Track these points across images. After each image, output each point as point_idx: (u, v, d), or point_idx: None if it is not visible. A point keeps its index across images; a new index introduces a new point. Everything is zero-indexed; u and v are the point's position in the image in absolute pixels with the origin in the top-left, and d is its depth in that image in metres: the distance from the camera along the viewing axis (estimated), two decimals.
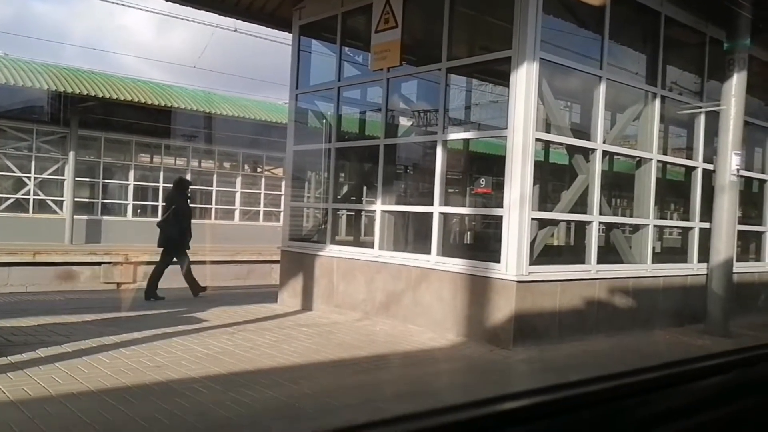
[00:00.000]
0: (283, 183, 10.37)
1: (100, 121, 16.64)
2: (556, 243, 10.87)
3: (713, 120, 8.03)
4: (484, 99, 13.24)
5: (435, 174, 7.13)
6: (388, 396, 4.73)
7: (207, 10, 9.45)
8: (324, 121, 9.17)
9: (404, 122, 10.13)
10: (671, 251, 9.97)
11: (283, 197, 10.20)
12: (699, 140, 8.45)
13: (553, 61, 6.68)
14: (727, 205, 7.67)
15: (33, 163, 16.38)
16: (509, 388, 3.61)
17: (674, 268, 8.07)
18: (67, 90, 14.92)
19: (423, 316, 6.96)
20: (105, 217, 17.33)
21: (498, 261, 6.37)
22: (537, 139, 6.58)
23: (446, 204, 7.54)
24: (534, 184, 6.68)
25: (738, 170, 7.67)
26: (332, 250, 8.25)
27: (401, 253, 7.59)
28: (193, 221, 9.46)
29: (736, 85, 7.51)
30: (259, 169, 20.64)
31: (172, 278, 9.21)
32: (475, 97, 12.17)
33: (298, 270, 8.62)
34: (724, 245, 7.66)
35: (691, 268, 8.18)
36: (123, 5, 17.47)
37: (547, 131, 7.24)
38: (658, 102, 7.72)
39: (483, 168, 12.69)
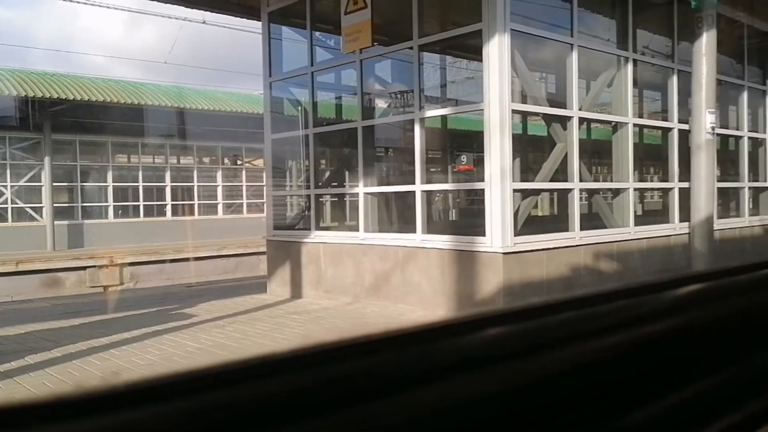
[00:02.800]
0: (264, 173, 10.29)
1: (73, 124, 16.40)
2: (540, 213, 10.95)
3: (686, 80, 8.09)
4: (460, 76, 13.22)
5: (415, 153, 7.13)
6: None
7: (174, 3, 9.30)
8: (300, 107, 9.10)
9: (381, 104, 10.09)
10: (653, 213, 10.08)
11: (265, 187, 10.14)
12: (673, 101, 8.51)
13: (524, 31, 6.68)
14: (704, 163, 7.75)
15: (8, 171, 16.13)
16: None
17: (657, 229, 8.16)
18: (37, 94, 14.66)
19: (413, 295, 6.98)
20: (86, 221, 17.14)
21: (483, 235, 6.40)
22: (513, 111, 6.59)
23: (428, 182, 7.55)
24: (514, 157, 6.71)
25: (713, 128, 7.74)
26: (318, 236, 8.24)
27: (387, 234, 7.60)
28: (179, 219, 9.42)
29: (706, 43, 7.55)
30: (239, 162, 20.49)
31: (158, 276, 9.16)
32: (450, 74, 12.15)
33: (285, 258, 8.60)
34: (704, 203, 7.75)
35: (674, 228, 8.28)
36: (88, 4, 17.15)
37: (524, 102, 7.25)
38: (630, 66, 7.75)
39: (464, 145, 12.72)
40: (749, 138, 9.81)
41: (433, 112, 8.31)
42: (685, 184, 8.16)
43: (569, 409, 0.40)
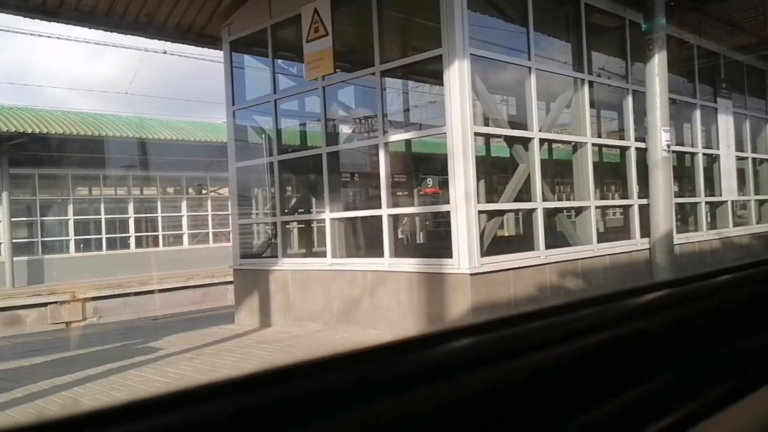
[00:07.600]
0: (230, 202, 10.20)
1: (32, 158, 16.04)
2: (506, 234, 11.09)
3: (641, 100, 8.35)
4: (423, 100, 13.40)
5: (380, 177, 7.18)
6: None
7: (134, 35, 9.25)
8: (264, 135, 9.10)
9: (345, 129, 10.15)
10: (615, 230, 10.30)
11: (230, 216, 10.04)
12: (629, 121, 8.76)
13: (483, 56, 6.83)
14: (661, 180, 7.98)
15: None
16: None
17: (619, 246, 8.33)
18: None
19: (383, 320, 6.97)
20: (46, 256, 16.70)
21: (450, 257, 6.45)
22: (476, 134, 6.71)
23: (394, 206, 7.60)
24: (478, 178, 6.80)
25: (668, 146, 7.99)
26: (286, 264, 8.18)
27: (355, 259, 7.59)
28: (143, 250, 9.25)
29: (657, 64, 7.83)
30: (204, 191, 20.30)
31: (123, 310, 8.96)
32: (413, 98, 12.31)
33: (252, 287, 8.51)
34: (662, 219, 7.96)
35: (635, 244, 8.46)
36: (45, 36, 16.94)
37: (486, 125, 7.38)
38: (587, 87, 7.97)
39: (429, 168, 12.82)
40: (703, 154, 10.14)
41: (397, 136, 8.40)
42: (644, 201, 8.37)
43: (522, 413, 0.42)
